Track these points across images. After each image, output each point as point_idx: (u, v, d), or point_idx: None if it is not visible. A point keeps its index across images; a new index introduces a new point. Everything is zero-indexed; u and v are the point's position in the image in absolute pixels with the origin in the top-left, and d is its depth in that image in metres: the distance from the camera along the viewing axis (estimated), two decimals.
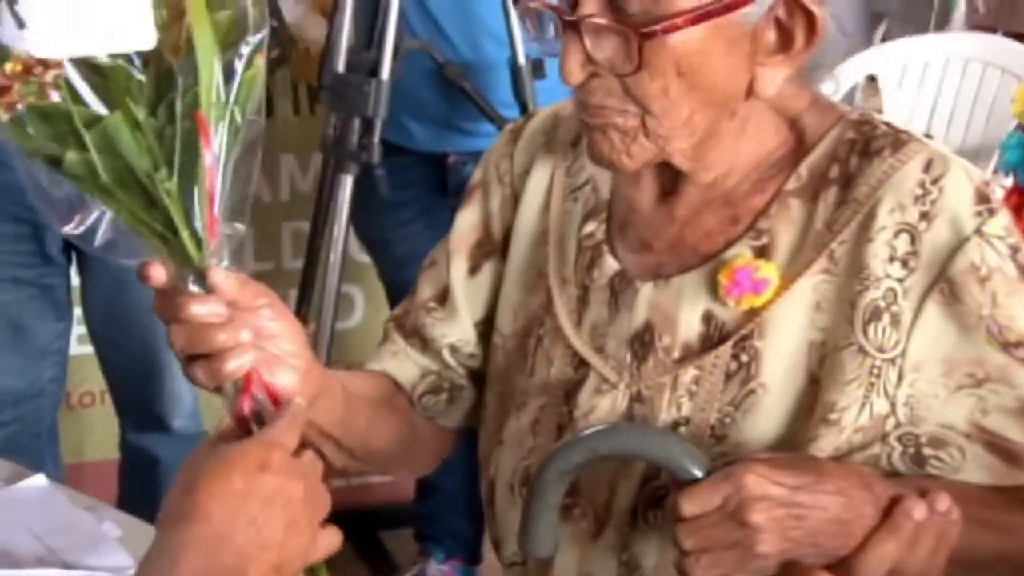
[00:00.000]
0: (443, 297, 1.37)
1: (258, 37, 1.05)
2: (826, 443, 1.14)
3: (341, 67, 2.33)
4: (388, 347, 1.39)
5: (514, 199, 1.36)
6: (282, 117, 2.83)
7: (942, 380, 1.14)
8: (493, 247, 1.37)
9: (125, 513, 1.75)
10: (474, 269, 1.37)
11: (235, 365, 1.06)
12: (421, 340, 1.37)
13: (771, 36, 1.13)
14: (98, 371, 2.54)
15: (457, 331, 1.36)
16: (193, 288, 1.06)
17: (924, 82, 3.66)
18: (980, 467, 1.16)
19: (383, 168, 2.36)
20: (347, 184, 2.35)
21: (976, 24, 4.11)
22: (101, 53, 1.00)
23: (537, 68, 2.35)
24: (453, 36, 2.41)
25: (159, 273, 1.06)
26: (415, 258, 2.48)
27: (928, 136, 3.31)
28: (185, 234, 1.04)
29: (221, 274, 1.05)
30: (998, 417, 1.14)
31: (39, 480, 1.77)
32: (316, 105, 2.76)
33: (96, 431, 2.75)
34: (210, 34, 1.01)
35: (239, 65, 1.04)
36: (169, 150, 1.02)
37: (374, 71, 2.29)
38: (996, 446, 1.15)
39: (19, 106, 0.98)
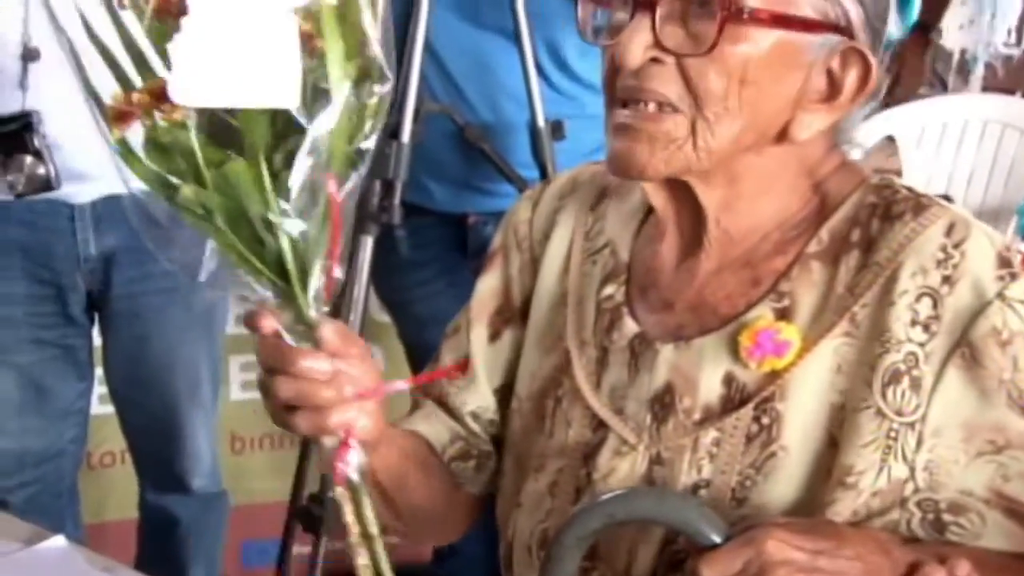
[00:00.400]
0: (464, 366, 1.36)
1: (386, 87, 1.05)
2: (843, 506, 1.13)
3: None
4: (419, 412, 1.38)
5: (533, 264, 1.35)
6: None
7: (962, 446, 1.12)
8: (513, 313, 1.36)
9: (143, 574, 1.73)
10: (494, 336, 1.36)
11: (339, 420, 1.08)
12: (446, 408, 1.36)
13: (820, 82, 1.15)
14: (119, 431, 2.52)
15: (478, 398, 1.36)
16: (293, 334, 1.06)
17: (943, 144, 3.66)
18: (1000, 533, 1.13)
19: (403, 228, 2.35)
20: (368, 245, 2.34)
21: (994, 86, 4.11)
22: (242, 106, 0.98)
23: (556, 130, 2.34)
24: (473, 98, 2.40)
25: (270, 324, 1.06)
26: (435, 318, 2.48)
27: (947, 198, 3.30)
28: (298, 284, 1.04)
29: (329, 328, 1.06)
30: (1019, 484, 1.12)
31: (58, 541, 1.75)
32: None
33: (117, 491, 2.74)
34: (347, 89, 1.01)
35: (368, 119, 1.05)
36: (287, 197, 1.01)
37: (395, 134, 2.28)
38: (1016, 512, 1.13)
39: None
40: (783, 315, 1.17)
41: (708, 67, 1.12)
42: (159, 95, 0.97)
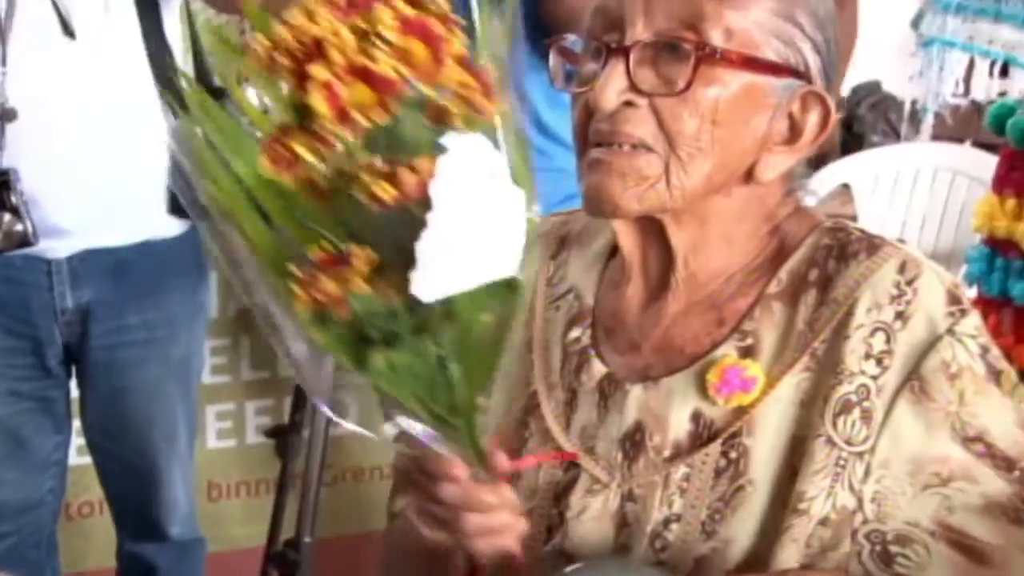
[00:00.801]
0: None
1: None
2: (798, 532, 1.13)
3: None
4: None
5: None
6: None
7: (909, 479, 1.13)
8: None
9: None
10: None
11: (514, 538, 1.12)
12: None
13: (783, 125, 1.17)
14: (97, 481, 2.49)
15: None
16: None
17: (896, 190, 3.70)
18: (945, 565, 1.14)
19: None
20: None
21: (944, 135, 4.16)
22: (471, 286, 0.96)
23: None
24: None
25: (463, 473, 1.07)
26: None
27: (901, 241, 3.29)
28: (467, 422, 1.04)
29: (503, 460, 1.09)
30: (963, 515, 1.13)
31: None
32: None
33: (96, 540, 2.70)
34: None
35: None
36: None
37: None
38: (961, 544, 1.13)
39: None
40: (747, 353, 1.18)
41: (681, 108, 1.13)
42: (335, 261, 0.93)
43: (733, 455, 1.17)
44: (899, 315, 1.14)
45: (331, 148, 0.89)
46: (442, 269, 0.91)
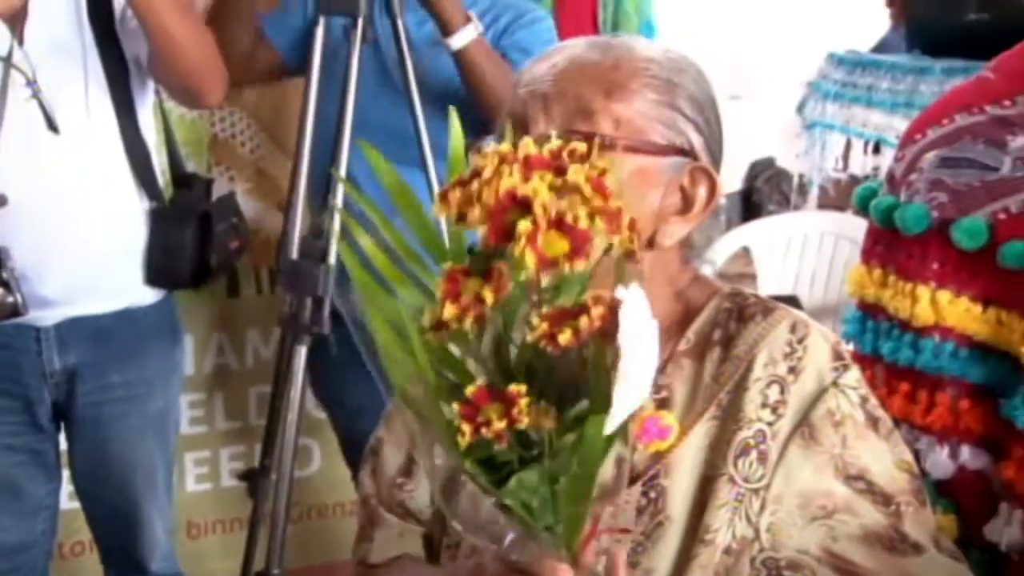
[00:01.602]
0: (408, 469, 1.29)
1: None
2: (705, 559, 1.11)
3: (294, 254, 2.28)
4: (390, 532, 1.29)
5: None
6: (246, 296, 2.75)
7: (799, 511, 1.11)
8: None
9: None
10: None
11: None
12: (409, 513, 1.29)
13: (675, 198, 1.14)
14: (86, 523, 2.41)
15: (427, 495, 1.28)
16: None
17: (788, 252, 3.72)
18: None
19: (334, 333, 2.28)
20: (302, 353, 2.27)
21: (827, 204, 4.18)
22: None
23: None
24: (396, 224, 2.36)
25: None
26: (366, 408, 2.42)
27: (794, 297, 3.26)
28: (573, 535, 0.98)
29: (589, 556, 1.01)
30: (845, 543, 1.11)
31: None
32: (275, 286, 2.68)
33: None
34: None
35: None
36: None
37: (323, 257, 2.23)
38: (843, 570, 1.11)
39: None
40: (663, 404, 1.16)
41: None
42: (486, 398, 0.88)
43: (652, 495, 1.14)
44: (791, 369, 1.14)
45: (506, 294, 0.86)
46: (623, 405, 0.89)
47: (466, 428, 0.86)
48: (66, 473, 2.35)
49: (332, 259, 2.23)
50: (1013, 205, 1.27)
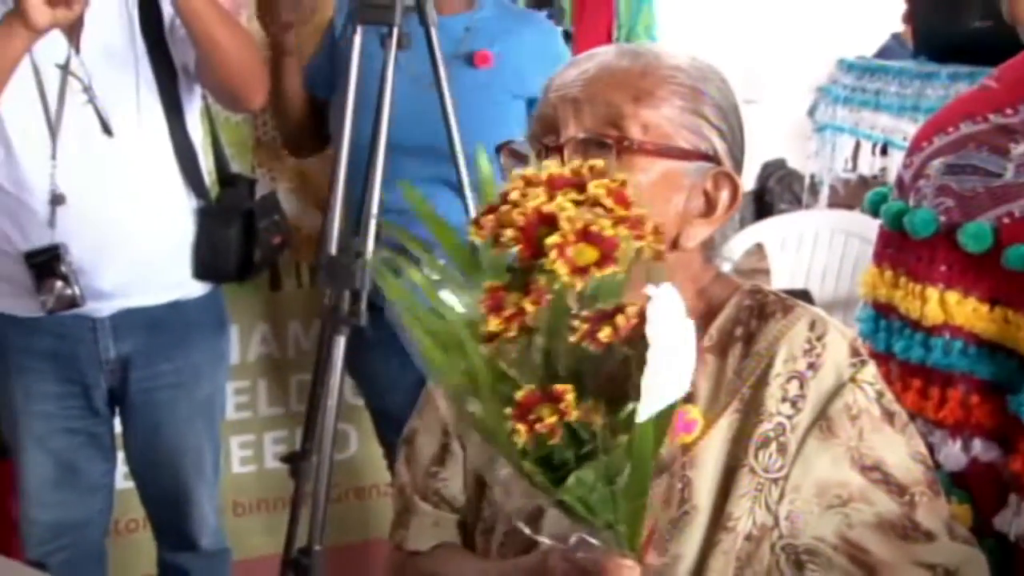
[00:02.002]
0: (441, 458, 1.27)
1: None
2: (727, 546, 1.10)
3: (334, 250, 2.25)
4: (425, 520, 1.27)
5: None
6: (287, 290, 2.74)
7: (816, 500, 1.09)
8: None
9: None
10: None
11: None
12: (443, 501, 1.27)
13: (699, 202, 1.13)
14: (139, 502, 2.40)
15: (460, 482, 1.27)
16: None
17: (801, 248, 3.68)
18: (843, 574, 1.09)
19: (369, 319, 2.26)
20: (340, 343, 2.25)
21: (837, 203, 4.15)
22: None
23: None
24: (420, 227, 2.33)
25: (635, 572, 0.98)
26: (394, 386, 2.40)
27: (806, 291, 3.21)
28: (635, 532, 0.97)
29: (652, 555, 1.00)
30: (860, 530, 1.09)
31: None
32: (315, 280, 2.66)
33: (139, 552, 2.59)
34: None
35: None
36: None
37: (360, 253, 2.21)
38: (857, 559, 1.08)
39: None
40: (687, 399, 1.11)
41: None
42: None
43: (679, 485, 1.12)
44: (811, 365, 1.12)
45: (545, 304, 0.87)
46: (655, 395, 0.88)
47: (521, 427, 0.86)
48: (121, 455, 2.34)
49: (368, 255, 2.21)
50: (1017, 210, 1.25)
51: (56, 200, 2.06)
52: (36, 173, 2.06)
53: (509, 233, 0.86)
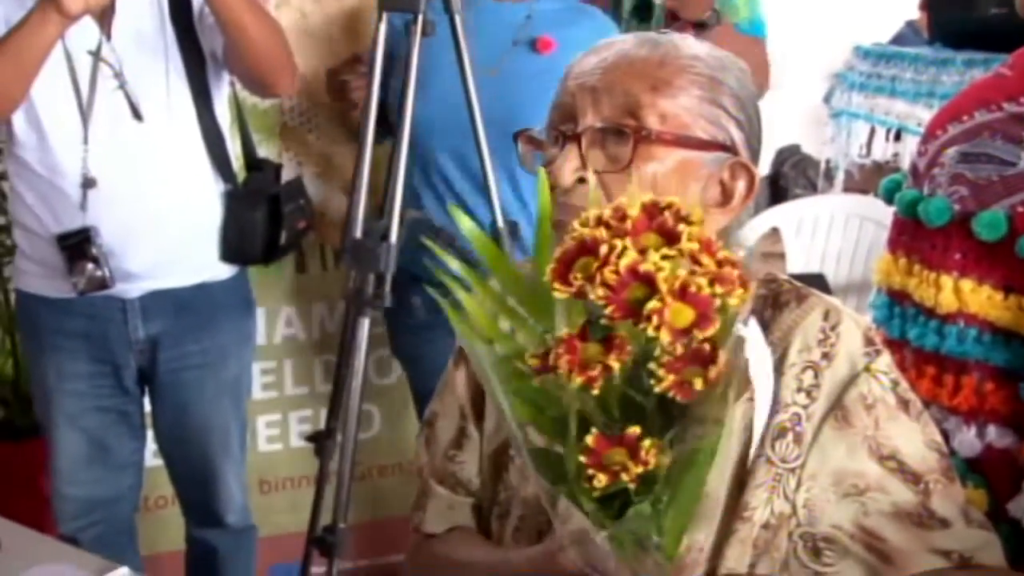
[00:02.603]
0: (459, 442, 1.27)
1: None
2: (744, 535, 1.09)
3: (358, 233, 2.26)
4: (440, 503, 1.27)
5: None
6: (312, 272, 2.75)
7: (832, 488, 1.08)
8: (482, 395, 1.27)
9: None
10: (478, 416, 1.27)
11: None
12: (459, 483, 1.27)
13: (715, 191, 1.12)
14: (168, 479, 2.43)
15: (475, 465, 1.26)
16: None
17: (816, 232, 3.66)
18: (859, 563, 1.08)
19: (416, 296, 2.26)
20: (365, 325, 2.25)
21: (853, 187, 4.13)
22: None
23: (513, 231, 2.27)
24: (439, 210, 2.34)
25: None
26: (441, 369, 2.41)
27: (821, 275, 3.18)
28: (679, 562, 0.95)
29: None
30: (876, 518, 1.08)
31: (123, 572, 1.67)
32: (339, 263, 2.68)
33: (168, 527, 2.62)
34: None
35: None
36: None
37: (385, 236, 2.22)
38: (872, 547, 1.08)
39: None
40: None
41: (626, 182, 1.07)
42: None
43: None
44: (825, 355, 1.10)
45: (627, 355, 0.82)
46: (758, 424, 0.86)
47: (602, 476, 0.82)
48: (150, 433, 2.36)
49: (393, 239, 2.21)
50: None
51: (87, 184, 2.07)
52: (68, 157, 2.07)
53: (599, 292, 0.80)
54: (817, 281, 3.22)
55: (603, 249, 0.82)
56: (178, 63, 2.13)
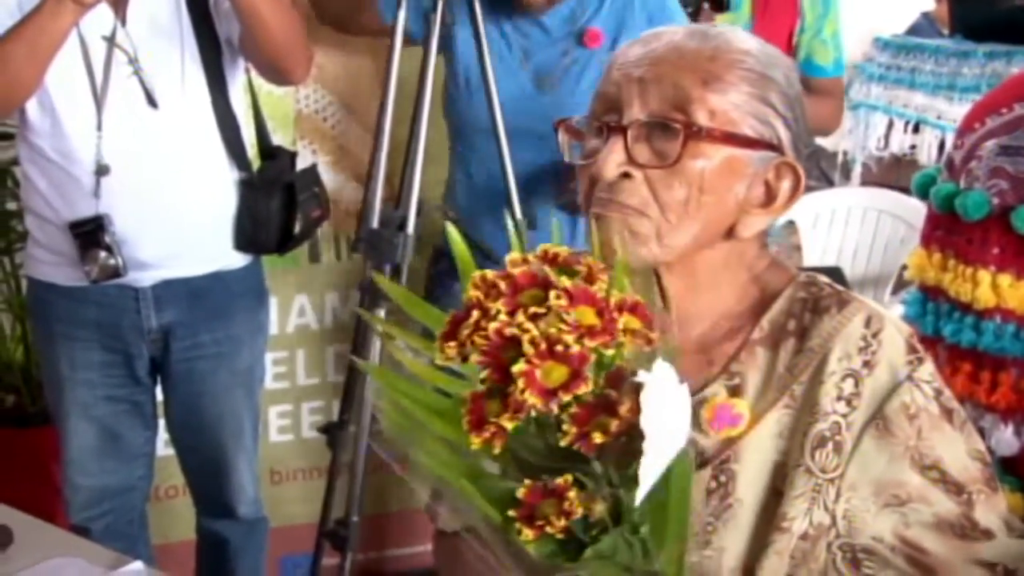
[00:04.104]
0: None
1: None
2: (781, 546, 1.06)
3: (375, 223, 2.24)
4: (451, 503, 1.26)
5: None
6: (326, 262, 2.72)
7: (873, 498, 1.06)
8: None
9: None
10: None
11: None
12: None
13: (759, 191, 1.09)
14: (180, 469, 2.41)
15: None
16: None
17: (832, 225, 3.63)
18: (900, 574, 1.07)
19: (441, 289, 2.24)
20: (380, 316, 2.24)
21: (870, 180, 4.10)
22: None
23: (530, 222, 2.24)
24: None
25: None
26: None
27: (838, 268, 3.15)
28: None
29: None
30: (918, 530, 1.05)
31: (136, 566, 1.66)
32: (353, 252, 2.65)
33: (179, 517, 2.60)
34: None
35: None
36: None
37: (402, 226, 2.20)
38: (914, 560, 1.05)
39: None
40: (735, 392, 1.10)
41: (671, 178, 1.05)
42: None
43: (723, 478, 1.09)
44: (866, 363, 1.07)
45: (526, 413, 0.79)
46: (651, 475, 0.82)
47: (528, 532, 0.81)
48: (162, 423, 2.34)
49: (410, 229, 2.20)
50: None
51: (101, 171, 2.05)
52: (82, 144, 2.05)
53: (475, 357, 0.80)
54: (834, 274, 3.19)
55: (475, 314, 0.81)
56: (193, 50, 2.10)
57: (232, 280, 2.22)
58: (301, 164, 2.35)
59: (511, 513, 0.82)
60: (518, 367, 0.77)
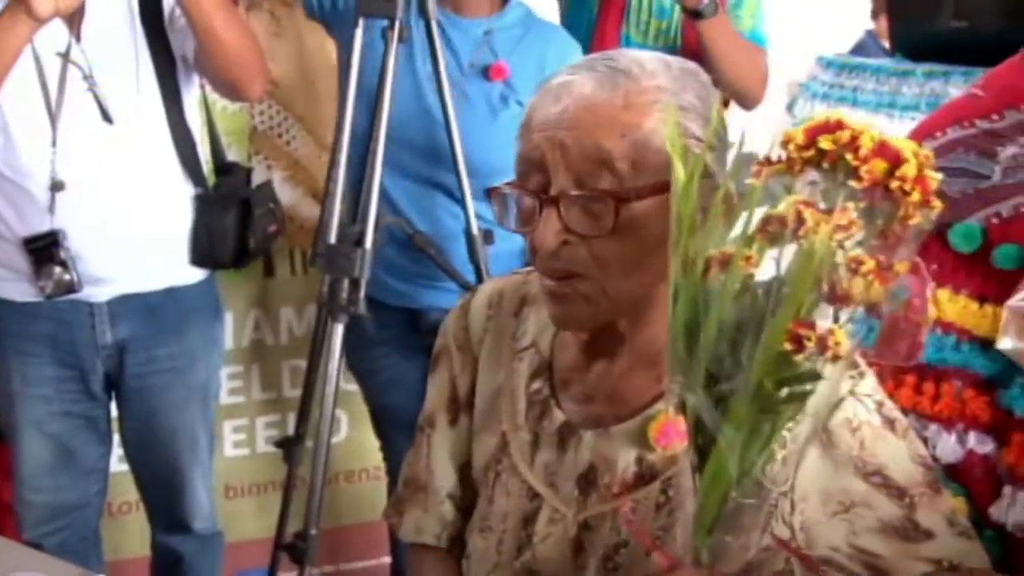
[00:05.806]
0: (441, 454, 1.28)
1: None
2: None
3: (333, 238, 2.25)
4: (415, 513, 1.31)
5: (473, 362, 1.27)
6: (281, 276, 2.73)
7: (821, 507, 1.08)
8: (461, 404, 1.28)
9: None
10: (453, 422, 1.28)
11: None
12: (438, 496, 1.29)
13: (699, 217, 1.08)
14: (133, 484, 2.40)
15: (450, 482, 1.28)
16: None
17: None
18: None
19: (370, 314, 2.25)
20: (339, 331, 2.24)
21: None
22: None
23: (487, 237, 2.27)
24: (416, 216, 2.32)
25: None
26: (394, 382, 2.39)
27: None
28: None
29: None
30: (866, 536, 1.08)
31: None
32: (308, 267, 2.66)
33: (133, 533, 2.59)
34: None
35: None
36: None
37: (359, 241, 2.20)
38: (870, 565, 1.08)
39: None
40: (682, 408, 1.09)
41: (610, 241, 1.06)
42: None
43: (671, 492, 1.11)
44: None
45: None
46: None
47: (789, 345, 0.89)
48: (116, 438, 2.33)
49: (368, 244, 2.20)
50: (1004, 210, 1.27)
51: (56, 187, 2.05)
52: (36, 160, 2.05)
53: (850, 158, 0.90)
54: None
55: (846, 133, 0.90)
56: (148, 65, 2.11)
57: (187, 295, 2.22)
58: (256, 180, 2.36)
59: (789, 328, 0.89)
60: (904, 169, 0.90)
